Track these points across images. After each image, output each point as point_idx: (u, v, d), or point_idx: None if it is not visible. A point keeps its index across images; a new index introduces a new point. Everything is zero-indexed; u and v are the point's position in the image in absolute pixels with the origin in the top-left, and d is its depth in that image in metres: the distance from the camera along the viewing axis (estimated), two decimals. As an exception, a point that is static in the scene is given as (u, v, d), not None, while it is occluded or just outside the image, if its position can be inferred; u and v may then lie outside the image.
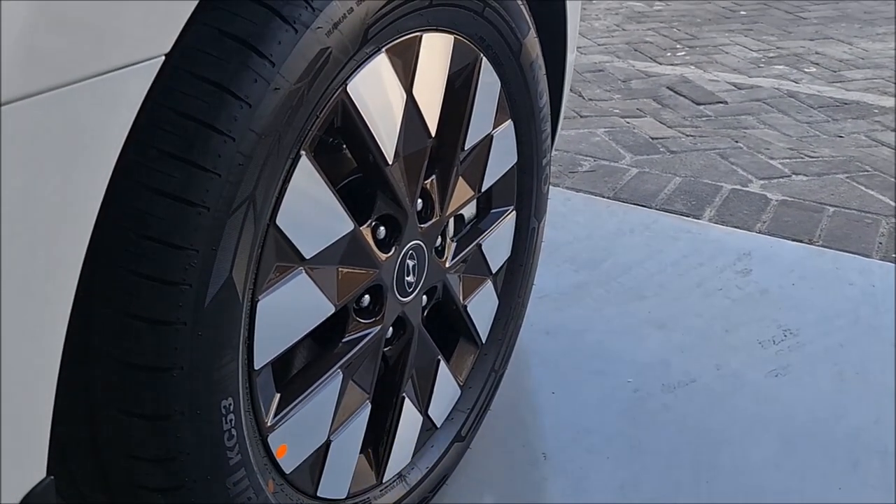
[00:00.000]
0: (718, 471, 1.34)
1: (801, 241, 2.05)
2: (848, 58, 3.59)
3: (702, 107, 3.02)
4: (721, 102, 3.06)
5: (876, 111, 2.97)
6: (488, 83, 1.10)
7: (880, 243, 2.05)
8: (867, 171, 2.48)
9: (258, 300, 0.80)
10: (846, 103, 3.05)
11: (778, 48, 3.74)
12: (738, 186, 2.36)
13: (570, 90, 3.13)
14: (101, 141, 0.62)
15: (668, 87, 3.22)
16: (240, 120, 0.72)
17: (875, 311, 1.76)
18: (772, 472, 1.34)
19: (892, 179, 2.42)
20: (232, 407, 0.79)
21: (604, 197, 2.29)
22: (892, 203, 2.27)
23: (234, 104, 0.71)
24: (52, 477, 0.69)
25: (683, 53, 3.67)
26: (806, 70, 3.43)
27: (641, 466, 1.34)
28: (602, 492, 1.29)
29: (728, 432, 1.42)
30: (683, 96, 3.12)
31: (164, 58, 0.65)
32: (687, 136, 2.75)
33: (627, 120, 2.89)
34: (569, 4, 1.33)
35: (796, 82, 3.28)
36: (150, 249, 0.70)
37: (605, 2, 4.63)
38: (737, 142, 2.69)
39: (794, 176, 2.44)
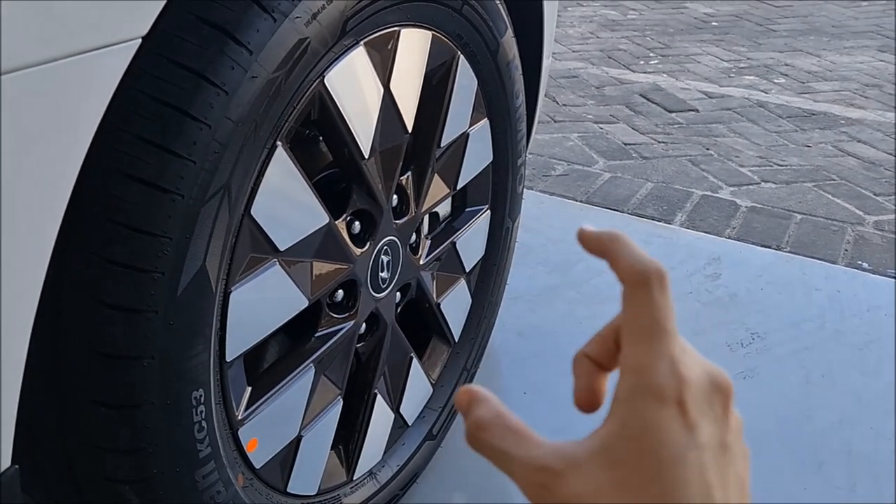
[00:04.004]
0: (687, 471, 1.35)
1: (769, 247, 2.08)
2: (816, 70, 3.66)
3: (674, 114, 3.05)
4: (692, 110, 3.09)
5: (843, 122, 3.02)
6: (465, 81, 1.10)
7: (846, 250, 2.09)
8: (834, 179, 2.52)
9: (231, 291, 0.79)
10: (814, 114, 3.10)
11: (748, 59, 3.80)
12: (709, 192, 2.39)
13: (545, 95, 3.15)
14: (76, 122, 0.61)
15: (640, 95, 3.25)
16: (216, 107, 0.71)
17: (840, 316, 1.79)
18: (739, 472, 1.35)
19: (858, 188, 2.46)
20: (202, 398, 0.78)
21: (577, 201, 2.30)
22: (858, 211, 2.31)
23: (210, 91, 0.71)
24: (17, 466, 0.67)
25: (656, 62, 3.71)
26: (775, 81, 3.49)
27: (611, 466, 1.35)
28: (572, 491, 1.29)
29: (697, 433, 1.43)
30: (656, 104, 3.16)
31: (140, 41, 0.64)
32: (659, 142, 2.78)
33: (601, 125, 2.91)
34: (546, 8, 1.34)
35: (766, 92, 3.33)
36: (123, 236, 0.69)
37: (579, 10, 4.67)
38: (707, 149, 2.73)
39: (762, 183, 2.48)
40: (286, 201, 0.84)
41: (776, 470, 1.36)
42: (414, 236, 1.12)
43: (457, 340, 1.30)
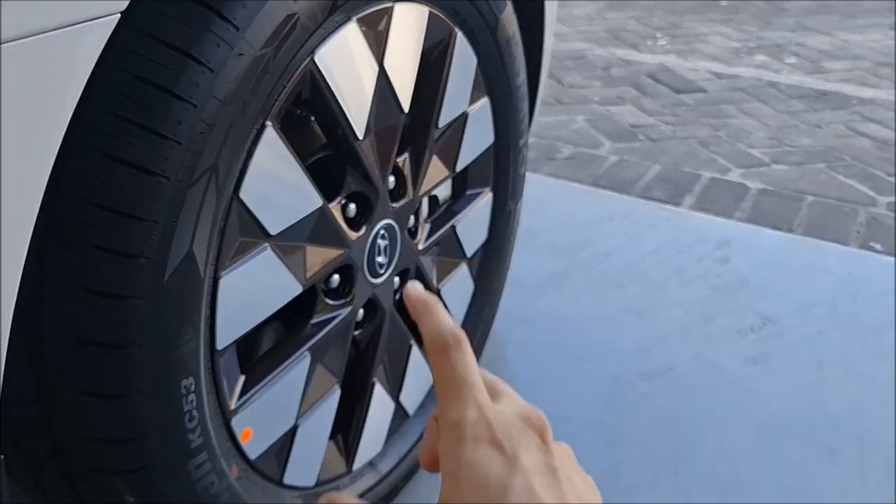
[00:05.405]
0: (696, 459, 1.32)
1: (780, 230, 2.05)
2: (828, 49, 3.60)
3: (682, 95, 3.00)
4: (701, 91, 3.05)
5: (855, 101, 2.97)
6: (464, 59, 1.07)
7: (858, 232, 2.05)
8: (846, 160, 2.48)
9: (221, 276, 0.77)
10: (825, 94, 3.05)
11: (759, 38, 3.74)
12: (718, 175, 2.35)
13: (551, 77, 3.11)
14: (52, 102, 0.59)
15: (648, 76, 3.20)
16: (201, 86, 0.68)
17: (853, 300, 1.76)
18: (749, 459, 1.32)
19: (871, 169, 2.42)
20: (193, 387, 0.76)
21: (583, 184, 2.27)
22: (870, 192, 2.27)
23: (195, 69, 0.68)
24: (3, 457, 0.66)
25: (664, 42, 3.66)
26: (786, 60, 3.43)
27: (619, 455, 1.32)
28: (578, 479, 1.27)
29: (706, 420, 1.41)
30: (663, 84, 3.11)
31: (119, 16, 0.62)
32: (667, 124, 2.73)
33: (607, 107, 2.87)
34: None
35: (776, 72, 3.28)
36: (107, 220, 0.66)
37: (586, -9, 4.62)
38: (716, 130, 2.68)
39: (773, 165, 2.44)
40: (277, 183, 0.81)
41: (787, 457, 1.33)
42: (412, 220, 1.09)
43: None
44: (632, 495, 1.25)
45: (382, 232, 1.00)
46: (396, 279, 1.09)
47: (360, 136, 0.90)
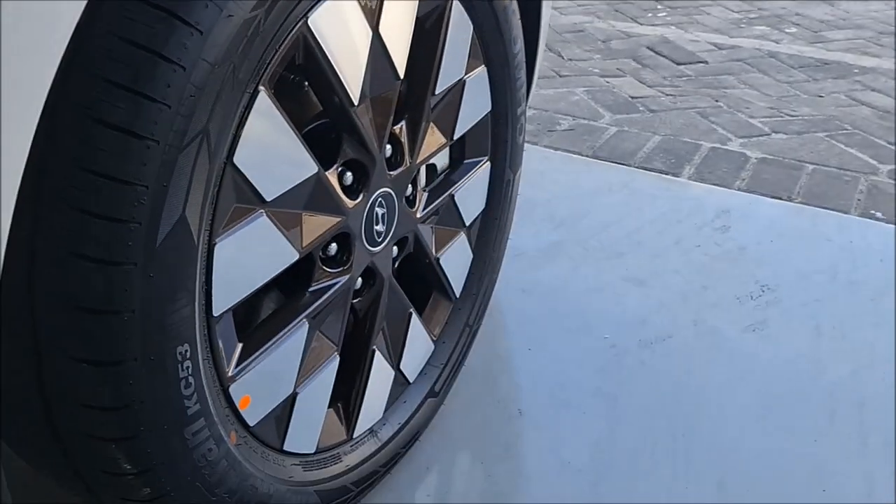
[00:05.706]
0: (695, 426, 1.32)
1: (779, 199, 2.04)
2: (829, 18, 3.56)
3: (682, 66, 2.98)
4: (701, 62, 3.02)
5: (856, 71, 2.95)
6: (460, 26, 1.06)
7: (859, 200, 2.04)
8: (846, 129, 2.46)
9: (215, 243, 0.76)
10: (826, 63, 3.02)
11: (759, 9, 3.70)
12: (718, 145, 2.34)
13: (550, 50, 3.09)
14: (31, 62, 0.58)
15: (648, 48, 3.18)
16: (190, 48, 0.68)
17: (853, 267, 1.75)
18: (748, 426, 1.32)
19: (872, 138, 2.40)
20: (188, 354, 0.76)
21: (582, 155, 2.26)
22: (871, 161, 2.25)
23: (183, 31, 0.67)
24: (-3, 426, 0.65)
25: (664, 14, 3.63)
26: (787, 31, 3.40)
27: (618, 422, 1.33)
28: (578, 448, 1.27)
29: (705, 387, 1.41)
30: (664, 56, 3.08)
31: (102, -25, 0.61)
32: (667, 95, 2.71)
33: (607, 79, 2.85)
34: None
35: (777, 42, 3.25)
36: (96, 184, 0.66)
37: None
38: (717, 101, 2.66)
39: (773, 134, 2.42)
40: (272, 149, 0.80)
41: (787, 423, 1.33)
42: (410, 188, 1.09)
43: (458, 296, 1.27)
44: (631, 462, 1.25)
45: (380, 200, 0.99)
46: (395, 248, 1.09)
47: (356, 103, 0.89)
